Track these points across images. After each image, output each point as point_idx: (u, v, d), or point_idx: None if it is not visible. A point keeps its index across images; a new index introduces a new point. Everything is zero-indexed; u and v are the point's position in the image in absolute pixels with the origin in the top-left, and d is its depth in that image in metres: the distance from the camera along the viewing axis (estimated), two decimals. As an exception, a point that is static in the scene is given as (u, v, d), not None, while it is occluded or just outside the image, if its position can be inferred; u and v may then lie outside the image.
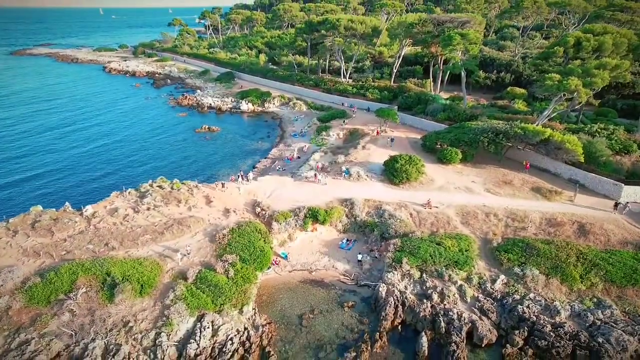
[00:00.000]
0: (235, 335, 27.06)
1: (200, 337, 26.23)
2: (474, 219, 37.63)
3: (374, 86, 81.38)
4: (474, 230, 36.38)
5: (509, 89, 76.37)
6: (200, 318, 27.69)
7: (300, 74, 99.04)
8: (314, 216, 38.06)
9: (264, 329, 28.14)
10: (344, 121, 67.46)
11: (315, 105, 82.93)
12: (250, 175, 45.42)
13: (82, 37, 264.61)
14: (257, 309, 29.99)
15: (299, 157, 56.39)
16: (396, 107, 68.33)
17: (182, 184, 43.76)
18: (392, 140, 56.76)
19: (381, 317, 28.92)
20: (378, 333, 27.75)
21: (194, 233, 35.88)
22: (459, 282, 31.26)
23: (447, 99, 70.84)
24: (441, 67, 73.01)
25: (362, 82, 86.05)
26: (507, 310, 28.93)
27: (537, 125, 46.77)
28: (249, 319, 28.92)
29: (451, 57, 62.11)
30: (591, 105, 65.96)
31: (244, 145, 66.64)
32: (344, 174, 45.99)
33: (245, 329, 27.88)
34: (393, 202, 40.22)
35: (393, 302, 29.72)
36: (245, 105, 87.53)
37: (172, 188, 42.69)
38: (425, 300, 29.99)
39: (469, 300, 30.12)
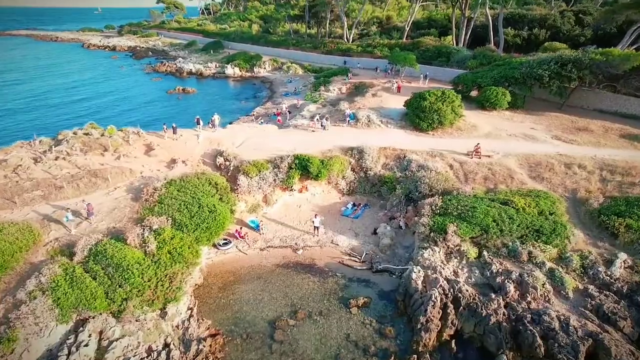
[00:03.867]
0: (141, 360, 14.04)
1: (66, 364, 13.22)
2: (548, 171, 24.46)
3: (382, 44, 68.25)
4: (552, 187, 23.24)
5: (546, 44, 62.88)
6: (78, 326, 14.68)
7: (296, 38, 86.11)
8: (303, 167, 24.98)
9: (203, 346, 15.09)
10: (348, 75, 54.29)
11: (313, 68, 69.81)
12: (216, 119, 32.18)
13: (72, 25, 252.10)
14: (195, 309, 16.98)
15: (289, 112, 43.21)
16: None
17: (120, 130, 30.73)
18: (425, 77, 44.25)
19: (419, 325, 15.87)
20: (415, 356, 14.70)
21: (113, 188, 22.85)
22: (548, 265, 18.15)
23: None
24: (466, 13, 59.65)
25: (369, 41, 72.90)
26: (649, 314, 15.78)
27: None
28: (177, 327, 15.87)
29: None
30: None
31: (223, 105, 53.56)
32: (348, 119, 32.91)
33: (167, 346, 14.84)
34: (422, 150, 27.08)
35: (438, 299, 16.64)
36: (231, 70, 74.43)
37: (102, 135, 29.64)
38: (493, 296, 16.88)
39: (571, 294, 16.97)
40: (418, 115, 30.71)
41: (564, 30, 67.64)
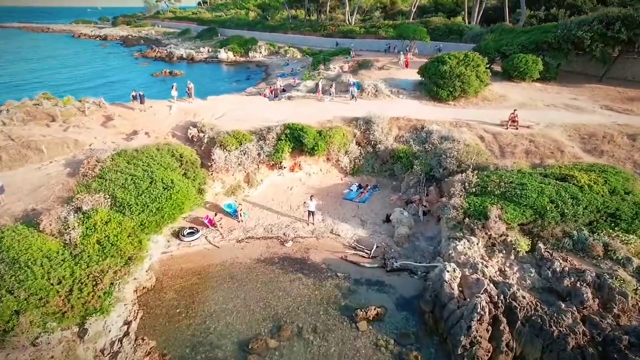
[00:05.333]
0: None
1: None
2: (608, 143, 19.26)
3: (387, 24, 63.15)
4: (616, 162, 18.02)
5: (566, 23, 57.63)
6: (-64, 353, 9.51)
7: (294, 22, 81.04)
8: (295, 139, 19.81)
9: (135, 382, 9.90)
10: (350, 53, 49.14)
11: (312, 52, 64.56)
12: (192, 87, 26.96)
13: (69, 20, 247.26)
14: (135, 324, 11.84)
15: (283, 90, 37.99)
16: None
17: (79, 101, 25.65)
18: (439, 50, 39.09)
19: (459, 350, 10.76)
20: (460, 401, 9.51)
21: (48, 161, 17.72)
22: (635, 262, 12.95)
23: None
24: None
25: (373, 22, 67.86)
26: None
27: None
28: (101, 352, 10.75)
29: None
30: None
31: (211, 86, 48.32)
32: (351, 89, 27.70)
33: (77, 383, 9.65)
34: (444, 121, 21.88)
35: (486, 309, 11.46)
36: (225, 54, 69.23)
37: (55, 105, 24.54)
38: (563, 306, 11.68)
39: (675, 304, 11.77)
40: (436, 82, 25.48)
41: (585, 9, 62.18)
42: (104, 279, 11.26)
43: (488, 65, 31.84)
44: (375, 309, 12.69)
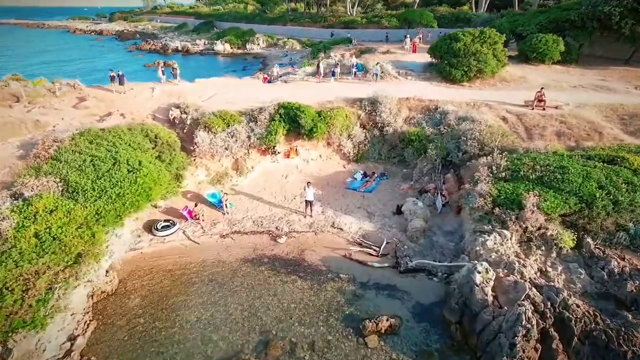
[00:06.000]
0: None
1: None
2: (653, 124, 16.70)
3: (390, 14, 60.71)
4: (666, 145, 15.47)
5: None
6: None
7: (294, 14, 78.58)
8: (291, 120, 17.24)
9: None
10: (352, 42, 46.64)
11: (312, 43, 62.05)
12: (178, 66, 24.44)
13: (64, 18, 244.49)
14: (84, 340, 9.28)
15: (280, 77, 35.45)
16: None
17: (52, 83, 23.12)
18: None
19: (502, 377, 8.12)
20: None
21: (0, 143, 15.18)
22: None
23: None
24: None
25: (375, 12, 65.44)
26: None
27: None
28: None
29: None
30: None
31: (206, 76, 45.45)
32: (354, 70, 25.21)
33: None
34: (459, 101, 19.30)
35: (533, 321, 8.87)
36: (221, 46, 66.72)
37: (25, 86, 22.02)
38: (629, 316, 9.13)
39: None
40: (449, 61, 22.87)
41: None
42: (37, 282, 8.70)
43: (505, 42, 29.36)
44: (387, 320, 10.12)
